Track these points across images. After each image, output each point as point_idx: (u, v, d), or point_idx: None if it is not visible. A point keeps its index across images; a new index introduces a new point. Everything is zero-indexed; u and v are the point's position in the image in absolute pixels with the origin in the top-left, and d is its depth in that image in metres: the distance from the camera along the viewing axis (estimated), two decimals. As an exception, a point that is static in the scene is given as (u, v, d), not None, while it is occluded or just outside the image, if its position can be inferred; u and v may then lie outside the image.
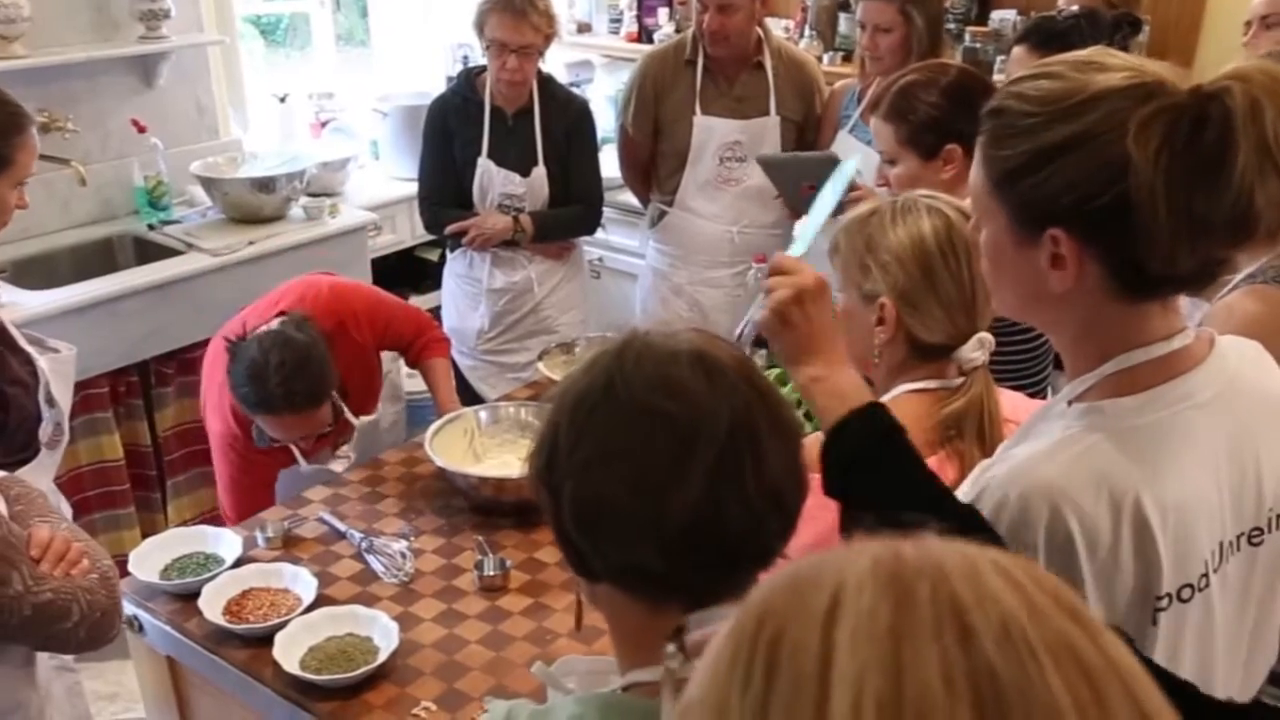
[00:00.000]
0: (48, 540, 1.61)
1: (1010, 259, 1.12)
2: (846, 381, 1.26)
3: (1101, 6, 2.60)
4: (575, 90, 3.61)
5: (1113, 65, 1.05)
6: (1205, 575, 1.11)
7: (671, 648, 0.85)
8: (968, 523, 1.11)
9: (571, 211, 3.22)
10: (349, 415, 2.56)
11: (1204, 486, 1.10)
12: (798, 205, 3.05)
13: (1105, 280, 1.07)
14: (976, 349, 1.50)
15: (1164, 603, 1.08)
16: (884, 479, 1.20)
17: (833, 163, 2.77)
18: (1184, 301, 1.82)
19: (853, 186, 2.63)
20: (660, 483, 0.91)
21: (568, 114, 3.15)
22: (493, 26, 2.92)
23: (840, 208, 2.67)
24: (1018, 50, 2.40)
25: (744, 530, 0.93)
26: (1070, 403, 1.14)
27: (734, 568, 0.96)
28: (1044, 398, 2.14)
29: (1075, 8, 2.52)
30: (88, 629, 1.61)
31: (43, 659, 1.75)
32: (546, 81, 3.14)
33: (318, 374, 2.29)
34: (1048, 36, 2.37)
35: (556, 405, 0.99)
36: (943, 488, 1.20)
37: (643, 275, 3.60)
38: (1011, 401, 1.59)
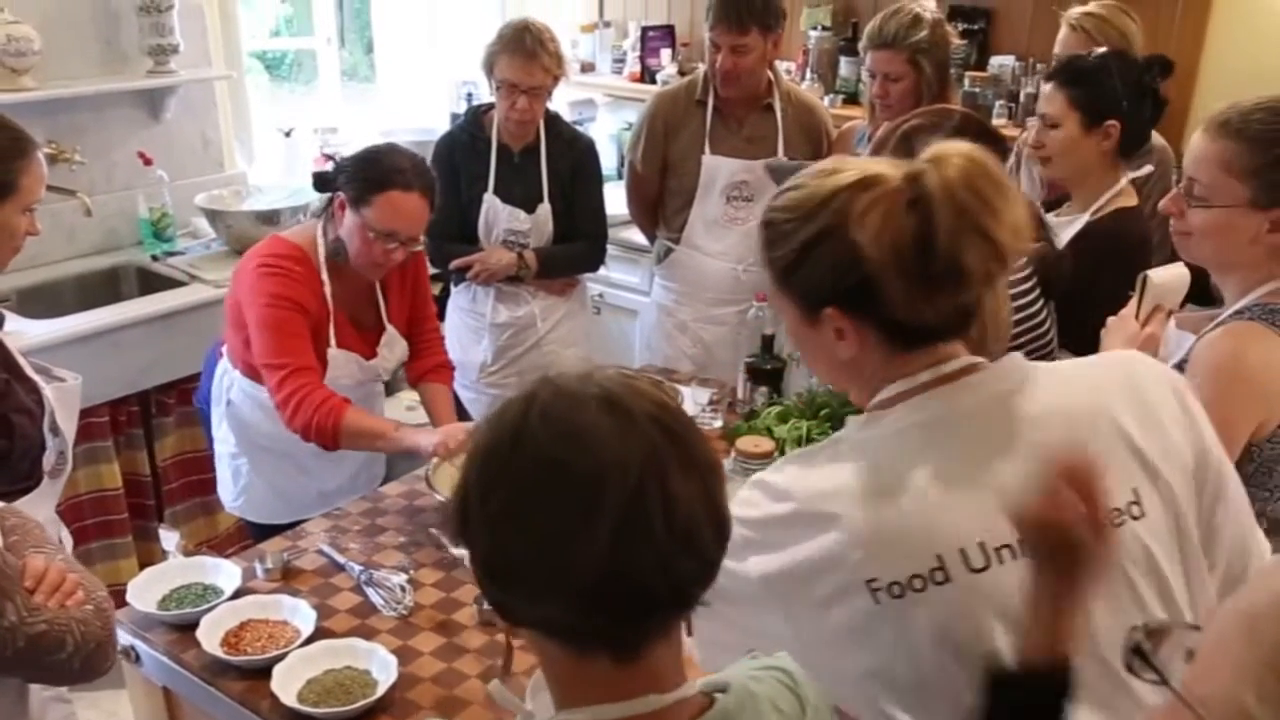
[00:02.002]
0: (43, 571, 1.61)
1: (809, 339, 1.31)
2: None
3: (1114, 53, 2.60)
4: (579, 128, 3.65)
5: (846, 168, 1.25)
6: (941, 569, 1.19)
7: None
8: None
9: (575, 248, 3.24)
10: (384, 313, 2.62)
11: (954, 492, 1.21)
12: None
13: (878, 341, 1.26)
14: None
15: (877, 584, 1.19)
16: None
17: None
18: (1172, 333, 1.87)
19: None
20: (566, 538, 0.90)
21: (573, 152, 3.18)
22: (503, 68, 2.95)
23: None
24: (1046, 88, 2.42)
25: (657, 580, 0.91)
26: None
27: (649, 615, 0.94)
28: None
29: (1103, 49, 2.53)
30: (82, 660, 1.60)
31: (35, 689, 1.74)
32: (552, 120, 3.17)
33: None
34: (1076, 75, 2.39)
35: (468, 458, 0.98)
36: None
37: (647, 311, 3.61)
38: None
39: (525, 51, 2.91)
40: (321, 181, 2.49)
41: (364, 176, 2.38)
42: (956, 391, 1.26)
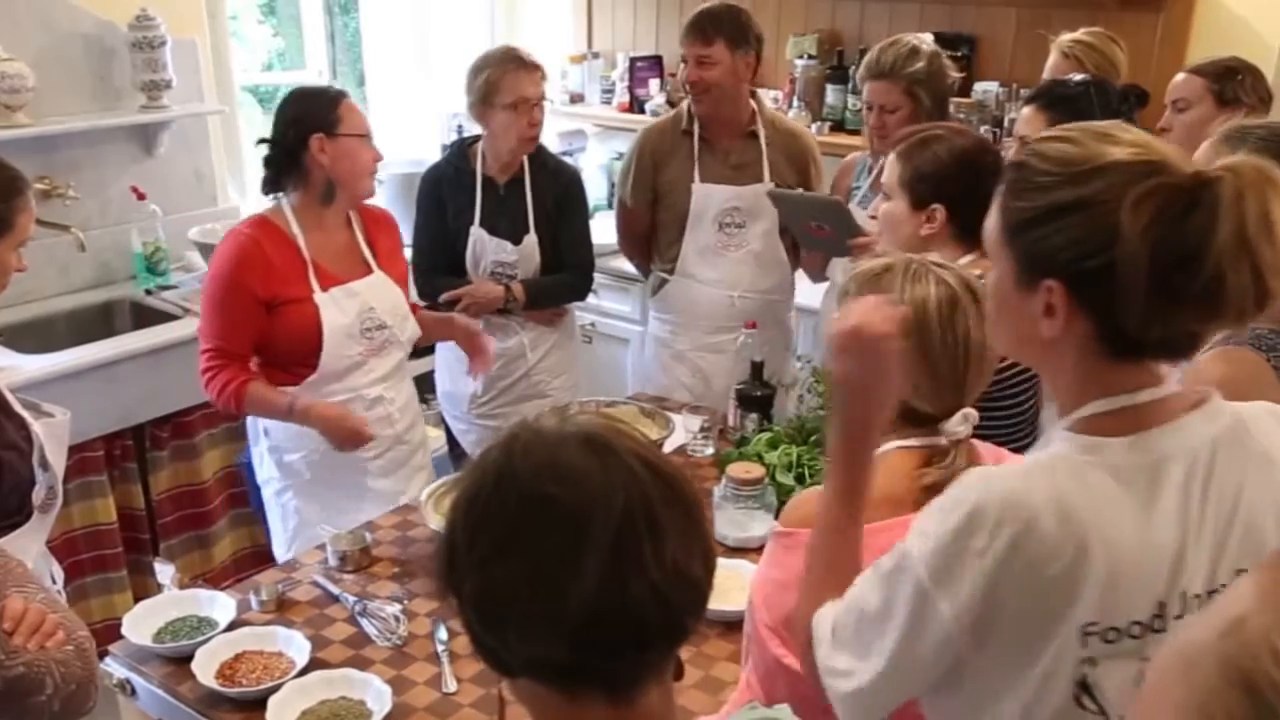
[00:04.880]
0: (21, 612, 1.61)
1: (1011, 302, 1.21)
2: None
3: (1095, 81, 2.63)
4: (567, 159, 3.68)
5: (1124, 140, 1.14)
6: (1139, 624, 1.13)
7: None
8: None
9: (562, 279, 3.26)
10: (368, 253, 2.69)
11: (1164, 538, 1.13)
12: (803, 240, 3.09)
13: (1089, 334, 1.15)
14: (961, 423, 1.51)
15: (1094, 628, 1.13)
16: None
17: (838, 207, 2.82)
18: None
19: (859, 232, 2.68)
20: (556, 571, 0.90)
21: (558, 183, 3.20)
22: (511, 86, 2.98)
23: (847, 250, 2.73)
24: (1026, 110, 2.45)
25: (650, 611, 0.91)
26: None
27: (645, 649, 0.94)
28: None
29: (1084, 75, 2.56)
30: (62, 701, 1.60)
31: None
32: (537, 151, 3.19)
33: None
34: (1056, 100, 2.41)
35: (453, 505, 0.98)
36: None
37: (644, 343, 3.63)
38: (996, 457, 1.62)
39: (527, 65, 3.01)
40: (284, 152, 2.58)
41: (319, 105, 2.57)
42: (1173, 434, 1.16)
